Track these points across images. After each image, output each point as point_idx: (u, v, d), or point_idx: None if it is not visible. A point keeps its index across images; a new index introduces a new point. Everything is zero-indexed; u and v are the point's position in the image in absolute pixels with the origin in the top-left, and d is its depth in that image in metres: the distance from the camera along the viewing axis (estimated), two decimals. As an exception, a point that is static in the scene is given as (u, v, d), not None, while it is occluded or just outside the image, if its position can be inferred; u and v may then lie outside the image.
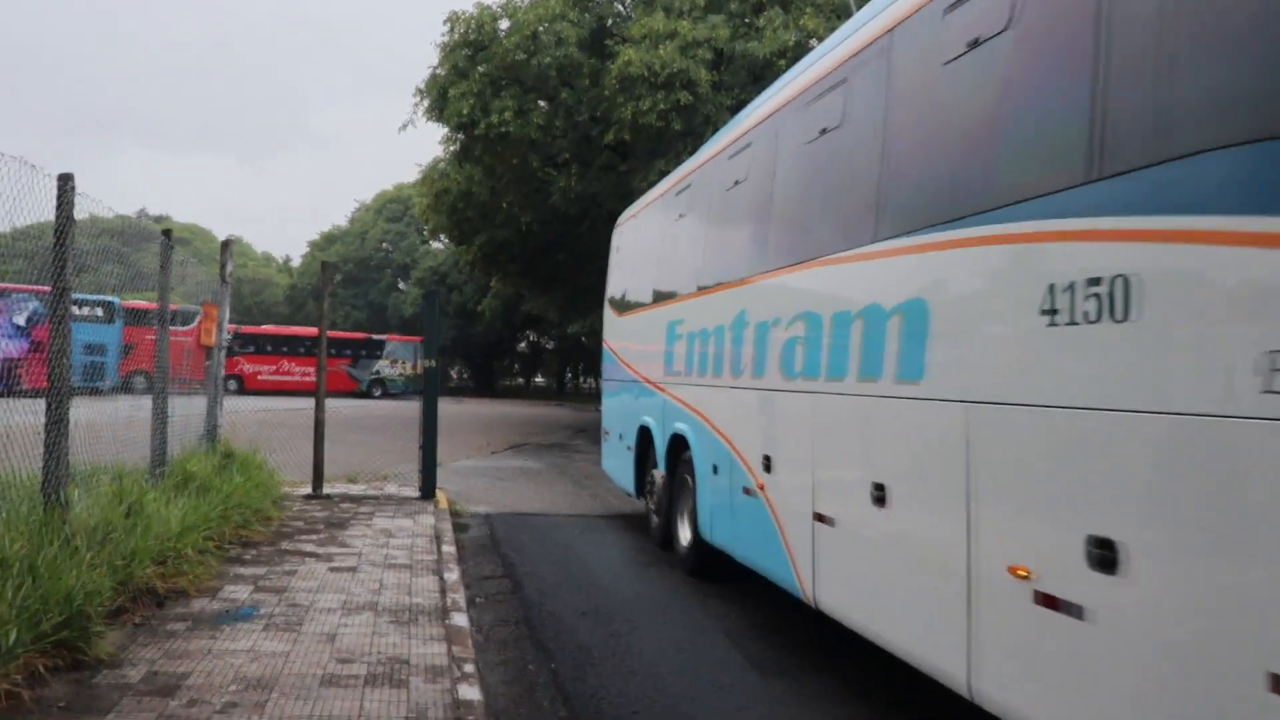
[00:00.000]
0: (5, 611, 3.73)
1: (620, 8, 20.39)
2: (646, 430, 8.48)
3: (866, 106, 4.52)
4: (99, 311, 9.54)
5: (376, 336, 41.58)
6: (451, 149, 20.79)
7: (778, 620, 5.97)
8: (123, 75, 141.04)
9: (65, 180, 5.02)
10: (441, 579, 6.16)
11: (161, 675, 4.00)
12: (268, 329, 40.75)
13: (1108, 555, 2.68)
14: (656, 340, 8.16)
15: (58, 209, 4.99)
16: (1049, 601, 2.93)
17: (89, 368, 6.93)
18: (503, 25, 18.03)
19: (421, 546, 7.21)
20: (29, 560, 4.12)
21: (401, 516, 8.59)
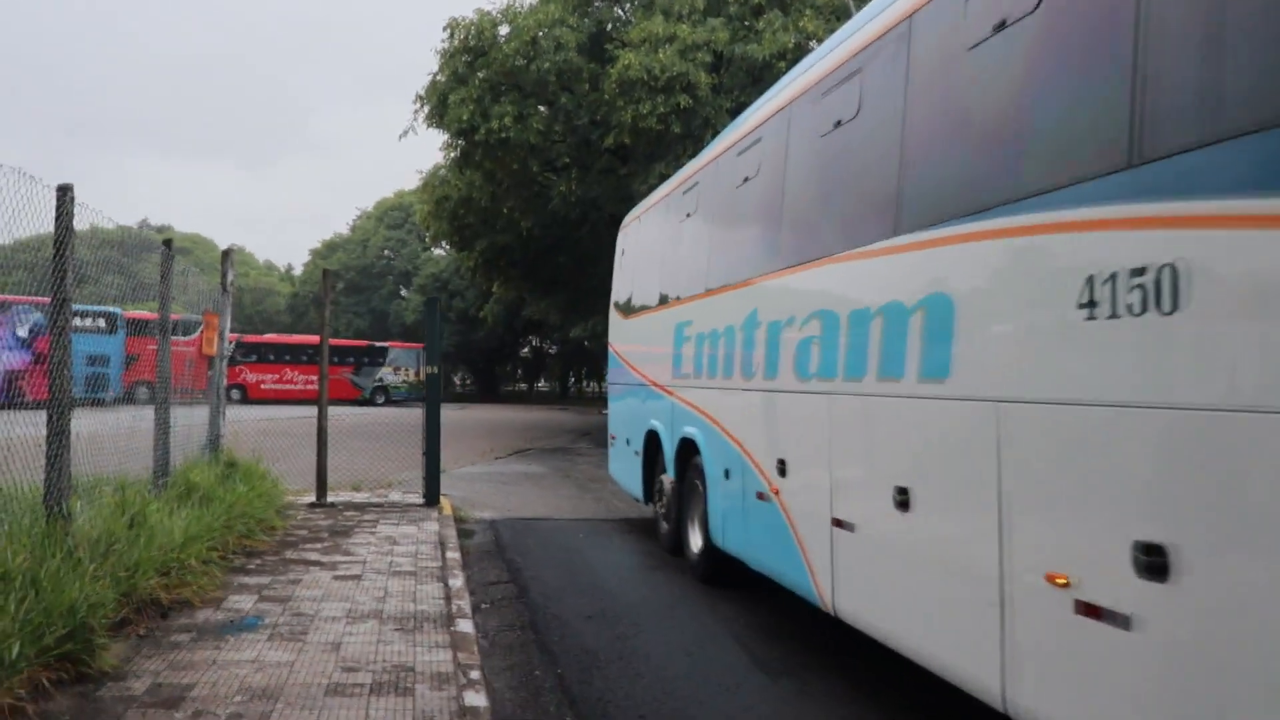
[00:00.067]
0: (8, 625, 3.72)
1: (619, 12, 20.42)
2: (655, 435, 8.32)
3: (885, 96, 4.36)
4: (101, 323, 9.56)
5: (379, 344, 41.68)
6: (452, 155, 20.79)
7: (785, 622, 5.95)
8: (123, 80, 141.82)
9: (64, 191, 5.03)
10: (446, 585, 6.14)
11: (166, 687, 3.99)
12: (270, 338, 40.91)
13: (1158, 561, 2.53)
14: (664, 342, 8.01)
15: (57, 220, 4.99)
16: (1091, 611, 2.79)
17: (92, 379, 6.92)
18: (502, 31, 18.04)
19: (426, 553, 7.20)
20: (32, 573, 4.11)
21: (405, 523, 8.58)
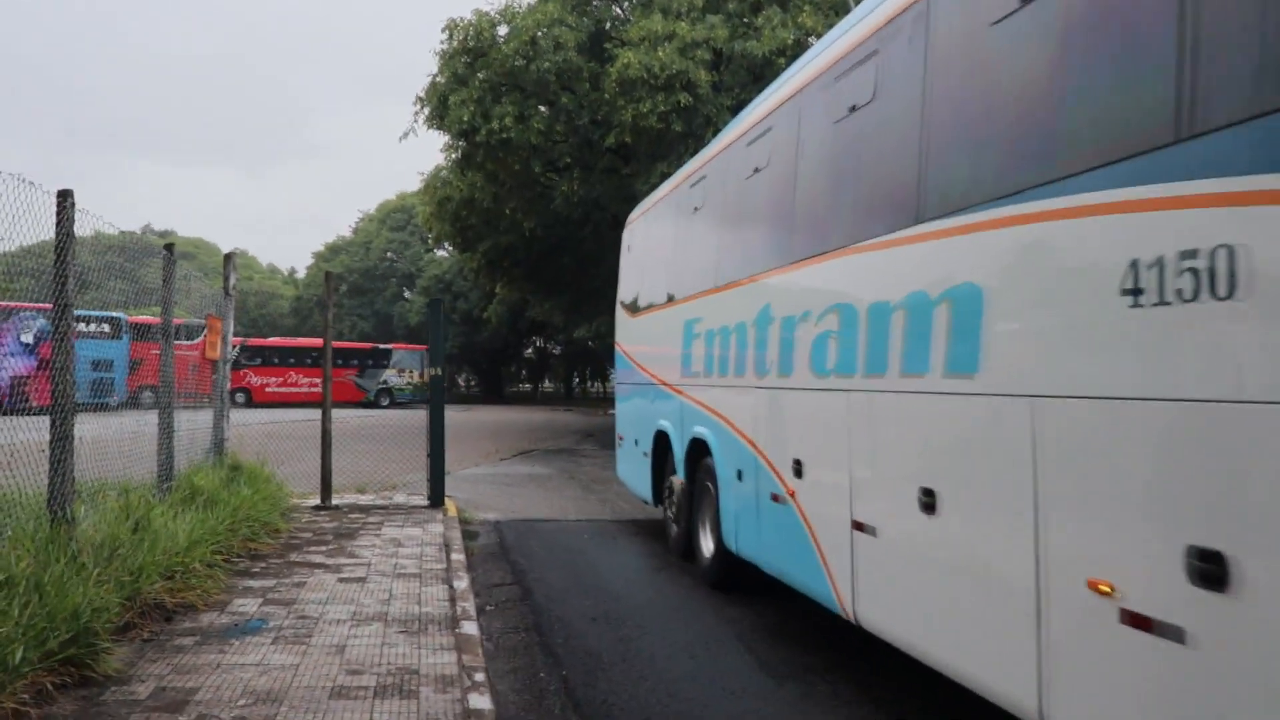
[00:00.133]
0: (12, 629, 3.72)
1: (618, 10, 20.41)
2: (664, 435, 8.14)
3: (904, 77, 4.16)
4: (105, 328, 9.56)
5: (383, 346, 41.74)
6: (453, 156, 20.83)
7: (789, 624, 5.93)
8: (123, 81, 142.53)
9: (64, 197, 5.04)
10: (451, 587, 6.13)
11: (170, 691, 3.99)
12: (274, 341, 41.00)
13: (1215, 570, 2.34)
14: (673, 341, 7.79)
15: (58, 225, 5.00)
16: (1140, 622, 2.60)
17: (97, 384, 6.94)
18: (501, 31, 18.06)
19: (430, 555, 7.20)
20: (35, 578, 4.12)
21: (410, 525, 8.58)
